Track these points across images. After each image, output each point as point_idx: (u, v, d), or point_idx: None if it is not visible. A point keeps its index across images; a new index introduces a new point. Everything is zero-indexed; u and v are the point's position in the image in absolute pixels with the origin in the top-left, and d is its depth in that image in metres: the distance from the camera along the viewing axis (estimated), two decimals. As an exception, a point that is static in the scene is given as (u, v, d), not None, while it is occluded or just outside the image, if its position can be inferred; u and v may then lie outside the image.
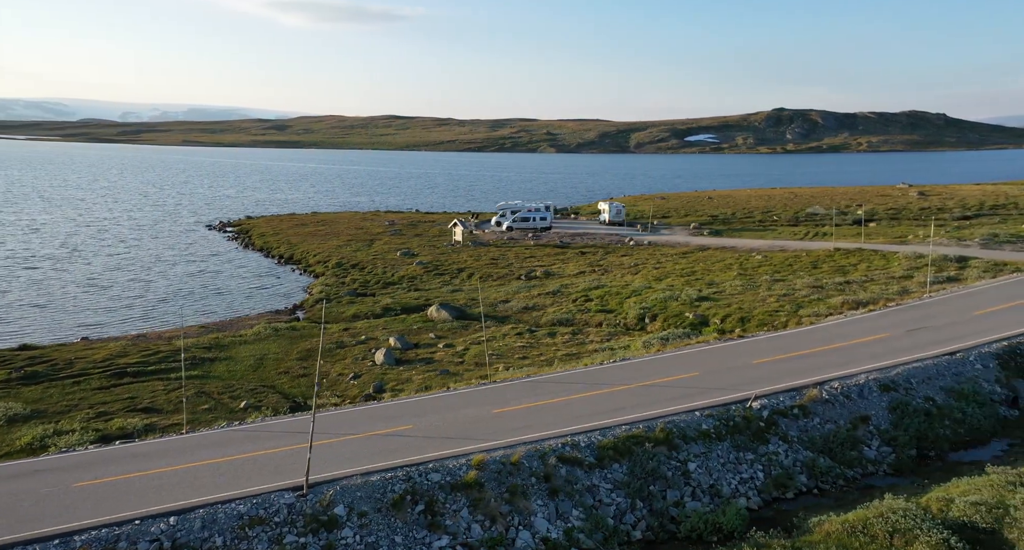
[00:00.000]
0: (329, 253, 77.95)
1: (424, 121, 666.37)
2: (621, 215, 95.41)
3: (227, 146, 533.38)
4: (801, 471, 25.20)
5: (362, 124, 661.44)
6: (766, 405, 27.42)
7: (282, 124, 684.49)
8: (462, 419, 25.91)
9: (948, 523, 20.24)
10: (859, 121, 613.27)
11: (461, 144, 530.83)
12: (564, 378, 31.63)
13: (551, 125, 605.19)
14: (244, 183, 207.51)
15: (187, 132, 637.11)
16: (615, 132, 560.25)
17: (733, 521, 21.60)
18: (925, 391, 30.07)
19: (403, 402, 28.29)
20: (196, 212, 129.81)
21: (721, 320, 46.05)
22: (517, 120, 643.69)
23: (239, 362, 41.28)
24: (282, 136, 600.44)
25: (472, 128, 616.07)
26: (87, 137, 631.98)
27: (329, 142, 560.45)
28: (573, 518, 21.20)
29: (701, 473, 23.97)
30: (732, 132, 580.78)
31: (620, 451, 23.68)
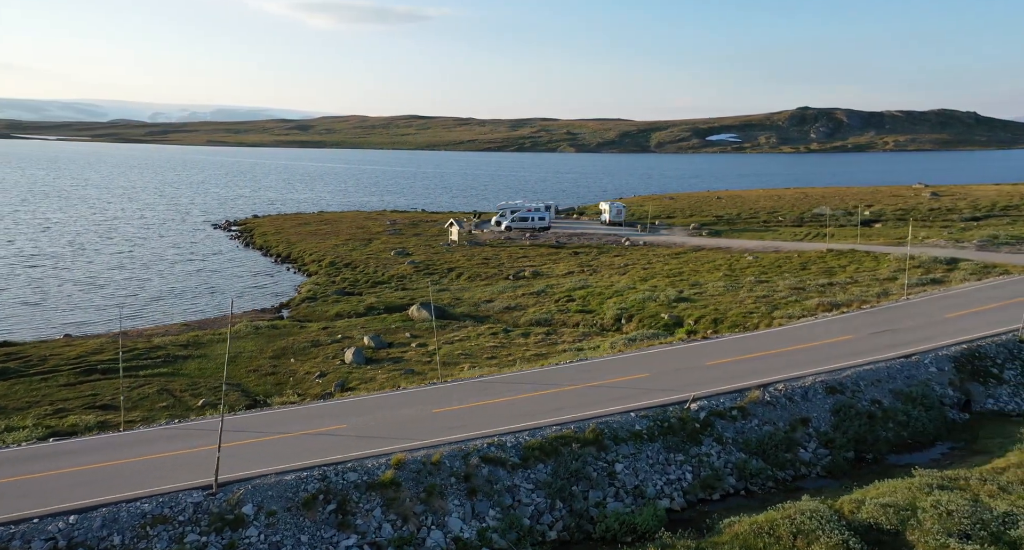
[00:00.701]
0: (325, 252, 78.76)
1: (445, 121, 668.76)
2: (622, 215, 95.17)
3: (250, 146, 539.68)
4: (731, 473, 25.14)
5: (383, 124, 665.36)
6: (704, 407, 27.36)
7: (305, 124, 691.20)
8: (399, 419, 26.16)
9: (854, 525, 20.17)
10: (886, 120, 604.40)
11: (480, 144, 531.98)
12: (517, 378, 31.78)
13: (571, 125, 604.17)
14: (260, 183, 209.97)
15: (212, 132, 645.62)
16: (635, 132, 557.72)
17: (649, 522, 21.64)
18: (873, 394, 29.81)
19: (346, 401, 28.61)
20: (207, 211, 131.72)
21: (695, 321, 45.96)
22: (537, 119, 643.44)
23: (212, 360, 41.98)
24: (305, 136, 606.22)
25: (492, 128, 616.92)
26: (116, 137, 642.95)
27: (350, 142, 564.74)
28: (489, 518, 21.33)
29: (627, 474, 24.01)
30: (754, 131, 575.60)
31: (546, 451, 23.80)
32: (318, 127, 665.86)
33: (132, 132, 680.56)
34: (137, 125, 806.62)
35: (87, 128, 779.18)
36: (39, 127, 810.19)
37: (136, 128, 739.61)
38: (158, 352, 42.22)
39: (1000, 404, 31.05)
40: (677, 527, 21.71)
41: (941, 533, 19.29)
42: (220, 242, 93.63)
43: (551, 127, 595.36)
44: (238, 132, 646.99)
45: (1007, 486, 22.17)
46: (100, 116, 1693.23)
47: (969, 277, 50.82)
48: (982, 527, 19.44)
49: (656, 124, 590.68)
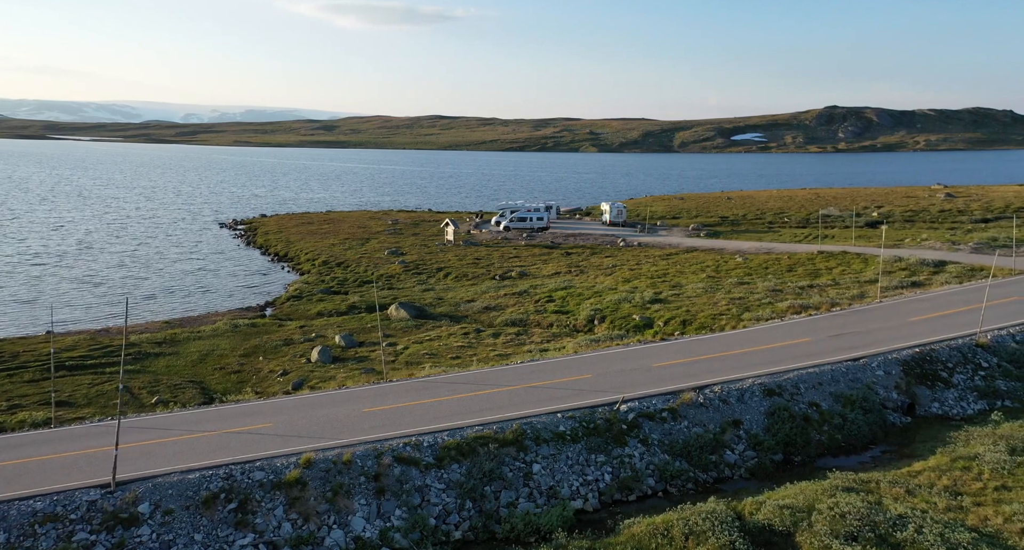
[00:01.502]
0: (320, 251, 79.66)
1: (468, 121, 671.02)
2: (622, 216, 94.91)
3: (276, 146, 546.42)
4: (651, 474, 25.15)
5: (407, 124, 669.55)
6: (634, 408, 27.37)
7: (331, 125, 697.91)
8: (327, 418, 26.47)
9: (749, 526, 20.19)
10: (917, 119, 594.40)
11: (503, 144, 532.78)
12: (461, 378, 32.01)
13: (594, 124, 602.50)
14: (277, 183, 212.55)
15: (240, 133, 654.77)
16: (659, 131, 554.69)
17: (554, 522, 21.75)
18: (812, 396, 29.60)
19: (281, 400, 28.96)
20: (218, 211, 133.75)
21: (664, 323, 45.88)
22: (561, 119, 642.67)
23: (182, 357, 42.80)
24: (330, 136, 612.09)
25: (515, 128, 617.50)
26: (146, 138, 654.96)
27: (374, 142, 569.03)
28: (395, 518, 21.50)
29: (544, 475, 24.11)
30: (780, 131, 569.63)
31: (463, 452, 23.97)
32: (343, 127, 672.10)
33: (162, 133, 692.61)
34: (167, 126, 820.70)
35: (120, 129, 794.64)
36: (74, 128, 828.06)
37: (166, 129, 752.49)
38: (130, 349, 43.11)
39: (945, 408, 30.64)
40: (586, 527, 21.90)
41: (828, 534, 19.26)
42: (223, 241, 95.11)
43: (574, 127, 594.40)
44: (265, 132, 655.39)
45: (915, 489, 21.99)
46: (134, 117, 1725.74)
47: (951, 280, 50.03)
48: (871, 529, 19.38)
49: (680, 124, 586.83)
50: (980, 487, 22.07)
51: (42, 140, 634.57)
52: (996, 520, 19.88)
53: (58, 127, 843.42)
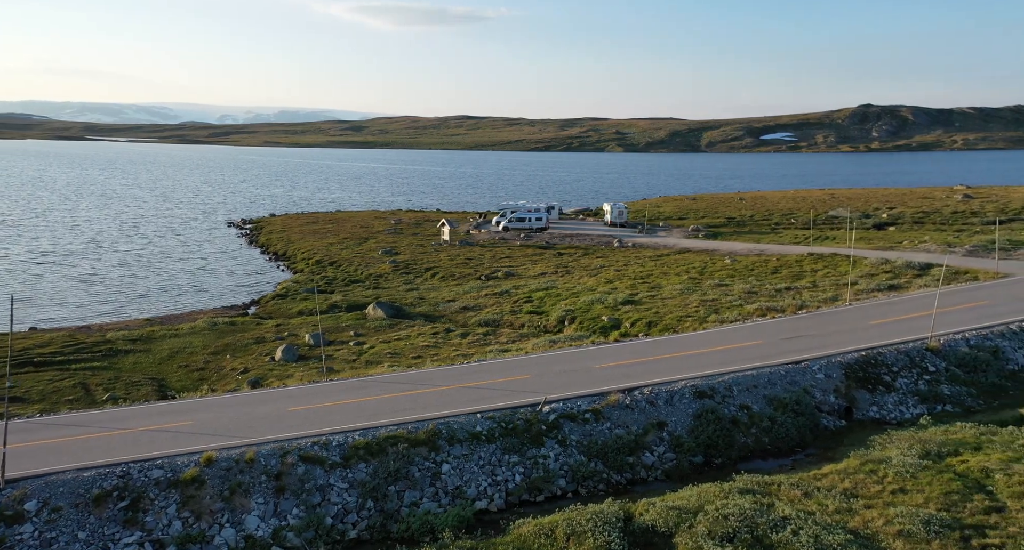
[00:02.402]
0: (317, 251, 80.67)
1: (495, 121, 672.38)
2: (623, 216, 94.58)
3: (305, 147, 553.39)
4: (564, 475, 25.18)
5: (434, 124, 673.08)
6: (557, 409, 27.42)
7: (359, 125, 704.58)
8: (249, 416, 26.86)
9: (633, 527, 20.31)
10: (955, 117, 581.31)
11: (528, 144, 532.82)
12: (403, 378, 32.32)
13: (621, 124, 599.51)
14: (297, 183, 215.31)
15: (270, 133, 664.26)
16: (686, 131, 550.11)
17: (449, 522, 21.90)
18: (744, 399, 29.38)
19: (211, 399, 29.51)
20: (232, 210, 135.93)
21: (631, 324, 45.79)
22: (587, 119, 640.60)
23: (152, 355, 43.75)
24: (358, 137, 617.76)
25: (541, 128, 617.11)
26: (181, 139, 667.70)
27: (401, 142, 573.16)
28: (291, 516, 21.73)
29: (452, 475, 24.26)
30: (812, 130, 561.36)
31: (372, 451, 24.19)
32: (371, 128, 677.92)
33: (196, 133, 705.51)
34: (201, 127, 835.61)
35: (156, 130, 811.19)
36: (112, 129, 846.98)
37: (200, 129, 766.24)
38: (103, 346, 44.22)
39: (883, 412, 30.20)
40: (484, 528, 22.05)
41: (706, 536, 19.30)
42: (228, 240, 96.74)
43: (600, 127, 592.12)
44: (295, 133, 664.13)
45: (813, 491, 21.87)
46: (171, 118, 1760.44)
47: (931, 283, 49.08)
48: (750, 530, 19.39)
49: (708, 123, 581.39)
50: (878, 490, 21.85)
51: (81, 141, 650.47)
52: (878, 522, 19.72)
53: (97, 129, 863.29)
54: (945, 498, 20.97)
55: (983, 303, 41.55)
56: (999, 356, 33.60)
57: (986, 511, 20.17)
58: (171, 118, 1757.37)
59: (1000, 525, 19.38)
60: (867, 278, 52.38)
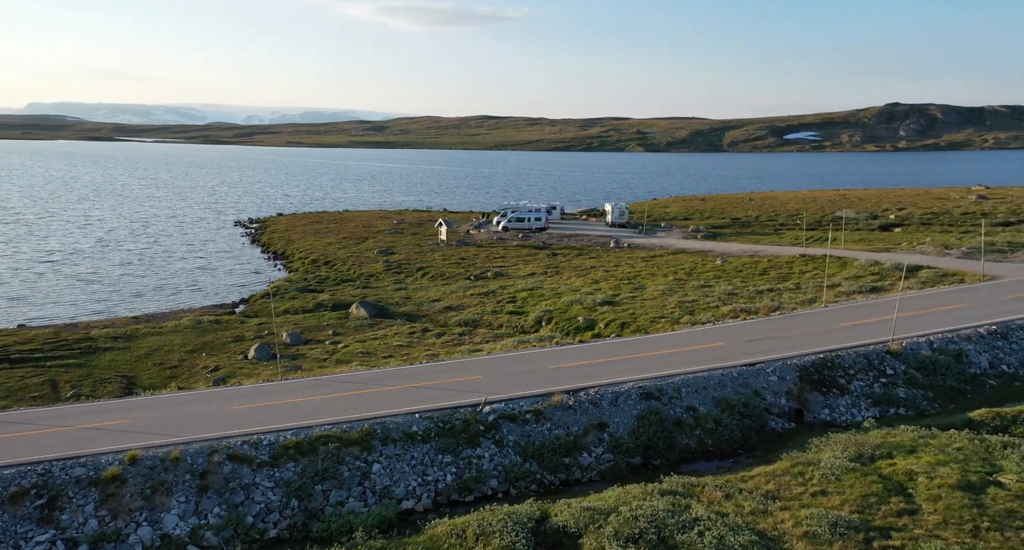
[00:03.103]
0: (314, 250, 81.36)
1: (515, 121, 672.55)
2: (624, 217, 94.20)
3: (327, 147, 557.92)
4: (496, 475, 25.21)
5: (455, 124, 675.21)
6: (497, 410, 27.45)
7: (381, 125, 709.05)
8: (190, 414, 27.01)
9: (544, 527, 20.39)
10: (987, 116, 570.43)
11: (548, 144, 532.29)
12: (356, 377, 32.44)
13: (642, 124, 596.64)
14: (312, 182, 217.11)
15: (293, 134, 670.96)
16: (708, 130, 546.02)
17: (368, 522, 22.00)
18: (692, 401, 29.20)
19: (159, 397, 29.78)
20: (243, 210, 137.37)
21: (605, 325, 45.64)
22: (608, 119, 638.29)
23: (130, 352, 44.44)
24: (379, 137, 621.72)
25: (562, 127, 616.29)
26: (206, 139, 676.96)
27: (421, 142, 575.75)
28: (212, 515, 21.93)
29: (382, 474, 24.37)
30: (837, 129, 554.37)
31: (303, 451, 24.35)
32: (393, 128, 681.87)
33: (221, 134, 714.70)
34: (227, 127, 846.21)
35: (183, 131, 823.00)
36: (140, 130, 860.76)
37: (225, 130, 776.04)
38: (84, 344, 45.04)
39: (835, 415, 29.85)
40: (410, 527, 22.17)
41: (612, 536, 19.36)
42: (232, 240, 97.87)
43: (621, 126, 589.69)
44: (317, 133, 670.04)
45: (734, 493, 21.77)
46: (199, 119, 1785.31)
47: (915, 285, 48.36)
48: (657, 531, 19.45)
49: (730, 122, 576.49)
50: (800, 492, 21.71)
51: (110, 141, 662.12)
52: (787, 524, 19.65)
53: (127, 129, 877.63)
54: (862, 500, 20.80)
55: (960, 306, 40.82)
56: (962, 359, 32.99)
57: (899, 513, 19.99)
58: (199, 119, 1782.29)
59: (907, 527, 19.26)
60: (852, 280, 51.67)
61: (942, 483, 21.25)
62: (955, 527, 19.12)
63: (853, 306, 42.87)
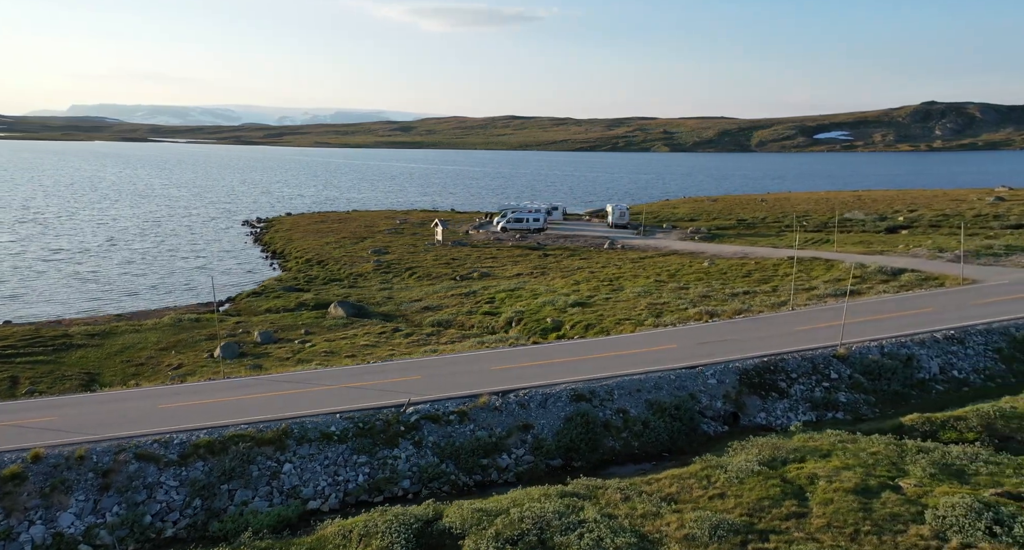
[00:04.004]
0: (310, 250, 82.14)
1: (541, 121, 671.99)
2: (625, 217, 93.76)
3: (354, 147, 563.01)
4: (410, 476, 25.20)
5: (481, 125, 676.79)
6: (421, 410, 27.44)
7: (408, 126, 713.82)
8: (116, 412, 27.08)
9: (431, 529, 20.41)
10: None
11: (574, 144, 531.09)
12: (297, 377, 32.46)
13: (669, 123, 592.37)
14: (330, 182, 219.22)
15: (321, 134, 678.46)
16: (736, 130, 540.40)
17: (268, 522, 22.11)
18: (623, 403, 28.92)
19: (91, 395, 30.31)
20: (257, 209, 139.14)
21: (571, 326, 45.49)
22: (635, 119, 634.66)
23: (103, 350, 45.26)
24: (406, 137, 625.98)
25: (588, 127, 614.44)
26: (237, 140, 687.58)
27: (447, 143, 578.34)
28: (110, 514, 22.01)
29: (292, 474, 24.43)
30: (869, 129, 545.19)
31: (213, 450, 24.48)
32: (419, 128, 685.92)
33: (252, 135, 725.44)
34: (258, 128, 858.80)
35: (215, 131, 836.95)
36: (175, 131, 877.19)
37: (256, 131, 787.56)
38: (60, 340, 46.05)
39: (771, 419, 29.38)
40: (310, 528, 22.30)
41: (493, 538, 19.38)
42: (236, 239, 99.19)
43: (648, 126, 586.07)
44: (345, 133, 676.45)
45: (633, 495, 21.68)
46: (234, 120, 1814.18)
47: (893, 289, 47.42)
48: (539, 533, 19.45)
49: (759, 122, 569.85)
50: (699, 495, 21.51)
51: (144, 142, 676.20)
52: (672, 527, 19.54)
53: (162, 130, 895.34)
54: (756, 503, 20.60)
55: (928, 310, 39.88)
56: (911, 364, 32.24)
57: (787, 517, 19.80)
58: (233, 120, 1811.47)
59: (789, 530, 19.12)
60: (832, 283, 50.81)
61: (839, 487, 20.93)
62: (836, 530, 18.89)
63: (819, 309, 42.14)
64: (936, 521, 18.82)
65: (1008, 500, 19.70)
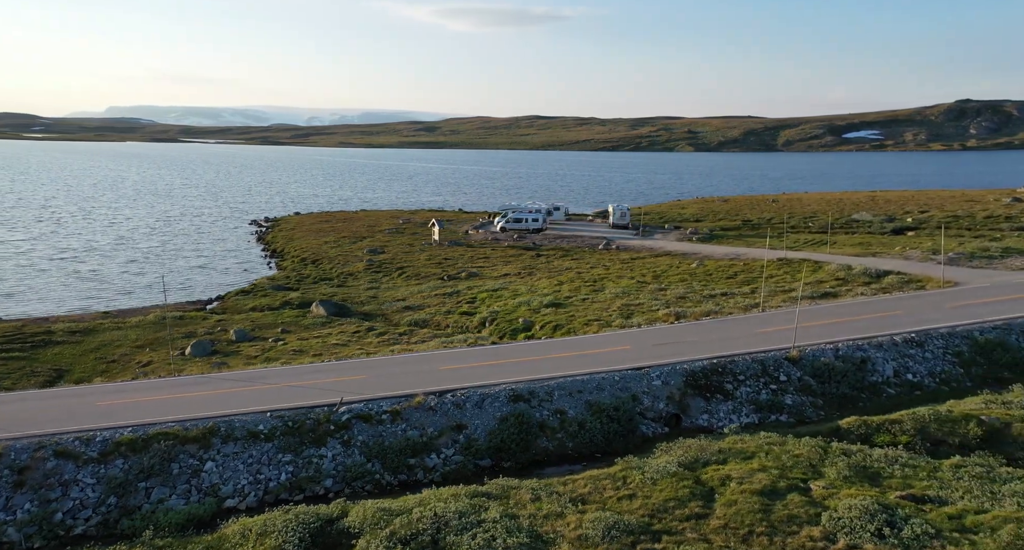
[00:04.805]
0: (308, 249, 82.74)
1: (565, 121, 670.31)
2: (626, 218, 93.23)
3: (378, 147, 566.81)
4: (334, 475, 25.23)
5: (505, 125, 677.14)
6: (354, 410, 27.46)
7: (432, 126, 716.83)
8: (53, 409, 27.19)
9: (332, 527, 20.37)
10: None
11: (597, 143, 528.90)
12: (243, 375, 32.72)
13: (694, 123, 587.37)
14: (347, 182, 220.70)
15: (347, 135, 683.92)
16: (762, 129, 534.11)
17: (175, 520, 22.06)
18: (563, 403, 28.71)
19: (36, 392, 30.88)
20: (269, 209, 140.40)
21: (541, 327, 45.31)
22: (660, 118, 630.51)
23: (80, 346, 45.97)
24: (430, 137, 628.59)
25: (612, 127, 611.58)
26: (265, 141, 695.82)
27: (471, 142, 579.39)
28: (21, 511, 22.19)
29: (213, 472, 24.52)
30: (900, 127, 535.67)
31: (136, 448, 24.60)
32: (444, 128, 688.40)
33: (279, 135, 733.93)
34: (285, 129, 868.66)
35: (244, 132, 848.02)
36: (205, 132, 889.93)
37: (283, 132, 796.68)
38: (39, 337, 46.93)
39: (714, 421, 28.97)
40: (219, 526, 22.39)
41: (386, 538, 19.40)
42: (241, 239, 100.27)
43: (672, 126, 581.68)
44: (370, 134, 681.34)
45: (543, 496, 21.65)
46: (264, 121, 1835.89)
47: (868, 292, 46.49)
48: (434, 533, 19.47)
49: (786, 121, 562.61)
50: (610, 496, 21.44)
51: (174, 143, 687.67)
52: (569, 527, 19.43)
53: (192, 131, 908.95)
54: (662, 504, 20.48)
55: (896, 313, 39.00)
56: (864, 367, 31.56)
57: (687, 518, 19.68)
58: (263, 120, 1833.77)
59: (683, 531, 19.01)
60: (813, 285, 49.96)
61: (748, 489, 20.67)
62: (731, 531, 18.74)
63: (790, 312, 41.33)
64: (831, 523, 18.60)
65: (909, 503, 19.32)
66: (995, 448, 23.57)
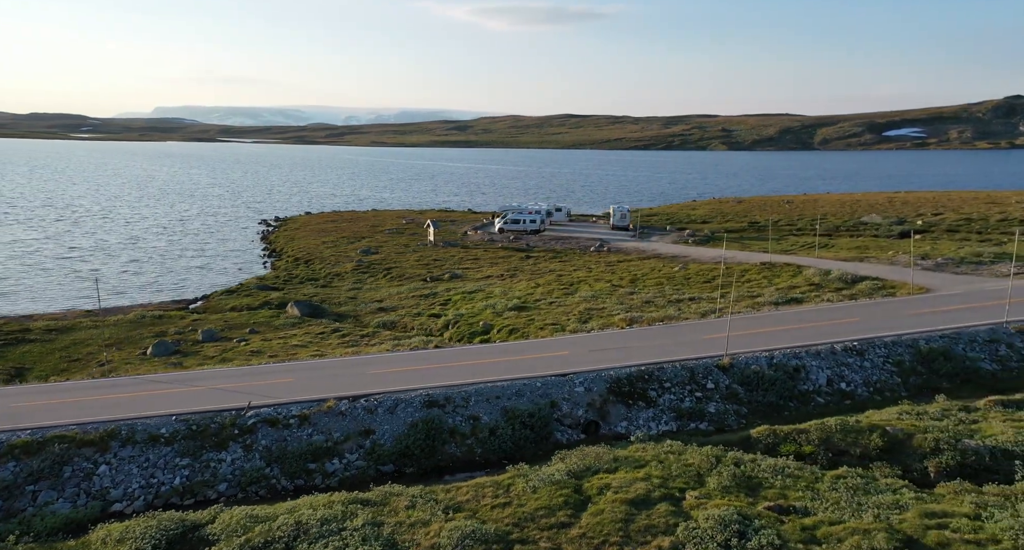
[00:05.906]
0: (305, 249, 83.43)
1: (597, 119, 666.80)
2: (626, 220, 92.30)
3: (409, 146, 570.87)
4: (228, 479, 25.29)
5: (537, 123, 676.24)
6: (261, 414, 27.53)
7: (464, 125, 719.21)
8: None
9: (194, 534, 20.42)
10: None
11: (627, 142, 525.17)
12: (176, 377, 33.20)
13: (729, 121, 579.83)
14: (367, 182, 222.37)
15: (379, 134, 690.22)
16: (799, 127, 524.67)
17: (49, 525, 22.03)
18: (478, 409, 28.45)
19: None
20: (285, 208, 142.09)
21: (498, 330, 45.05)
22: (694, 117, 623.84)
23: (51, 344, 46.91)
24: (461, 136, 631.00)
25: (644, 126, 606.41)
26: (300, 140, 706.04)
27: (501, 141, 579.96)
28: None
29: (106, 476, 24.63)
30: (945, 125, 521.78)
31: (30, 450, 24.79)
32: (475, 127, 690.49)
33: (314, 135, 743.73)
34: (322, 128, 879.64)
35: (280, 132, 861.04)
36: (243, 132, 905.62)
37: (319, 131, 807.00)
38: (14, 335, 47.98)
39: (633, 427, 28.49)
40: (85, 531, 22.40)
41: (239, 546, 19.52)
42: (246, 238, 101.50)
43: (706, 124, 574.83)
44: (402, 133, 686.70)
45: (420, 503, 21.82)
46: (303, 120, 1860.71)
47: (841, 297, 45.20)
48: (289, 541, 19.48)
49: (824, 119, 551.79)
50: (487, 503, 21.39)
51: (213, 143, 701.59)
52: (427, 535, 19.42)
53: (232, 131, 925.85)
54: (532, 513, 20.45)
55: (853, 320, 37.89)
56: (797, 375, 30.69)
57: (550, 527, 19.60)
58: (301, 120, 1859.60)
59: (539, 541, 18.91)
60: (784, 290, 48.85)
61: (621, 498, 20.49)
62: (586, 541, 18.67)
63: (748, 318, 40.52)
64: (685, 533, 18.41)
65: (773, 513, 18.93)
66: (894, 459, 22.82)
